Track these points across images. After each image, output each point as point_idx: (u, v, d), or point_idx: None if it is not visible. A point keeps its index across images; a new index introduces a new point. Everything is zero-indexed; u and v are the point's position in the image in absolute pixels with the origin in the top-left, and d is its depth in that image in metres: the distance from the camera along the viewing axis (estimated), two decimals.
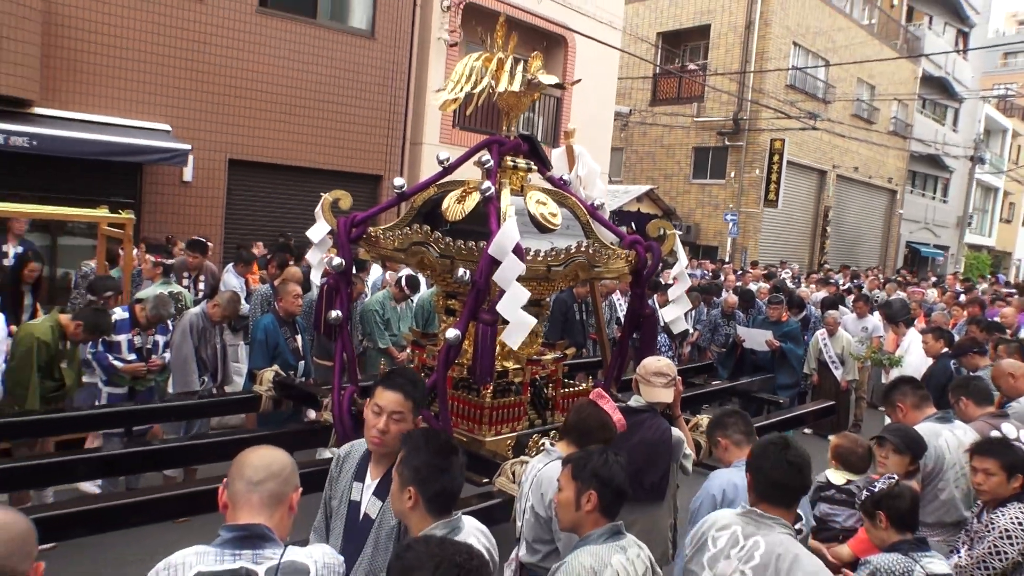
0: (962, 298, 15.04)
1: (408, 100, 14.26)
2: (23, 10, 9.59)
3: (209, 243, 9.61)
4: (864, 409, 10.32)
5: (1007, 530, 3.45)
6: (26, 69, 9.75)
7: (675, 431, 3.93)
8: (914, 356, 7.54)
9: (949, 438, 4.22)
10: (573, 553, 2.54)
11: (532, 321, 4.02)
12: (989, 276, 29.54)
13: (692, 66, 25.14)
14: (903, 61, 29.14)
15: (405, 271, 8.47)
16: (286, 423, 6.14)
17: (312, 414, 5.96)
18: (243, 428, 6.77)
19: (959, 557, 3.61)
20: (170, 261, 8.24)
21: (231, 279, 8.87)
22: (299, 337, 6.74)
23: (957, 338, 7.84)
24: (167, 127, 11.42)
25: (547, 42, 15.74)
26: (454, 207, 4.65)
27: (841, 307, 10.77)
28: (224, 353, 6.78)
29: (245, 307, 7.74)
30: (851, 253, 28.84)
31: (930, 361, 7.38)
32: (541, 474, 3.28)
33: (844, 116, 26.41)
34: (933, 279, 23.24)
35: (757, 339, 9.18)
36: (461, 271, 4.16)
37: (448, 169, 4.93)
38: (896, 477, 3.50)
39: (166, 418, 6.16)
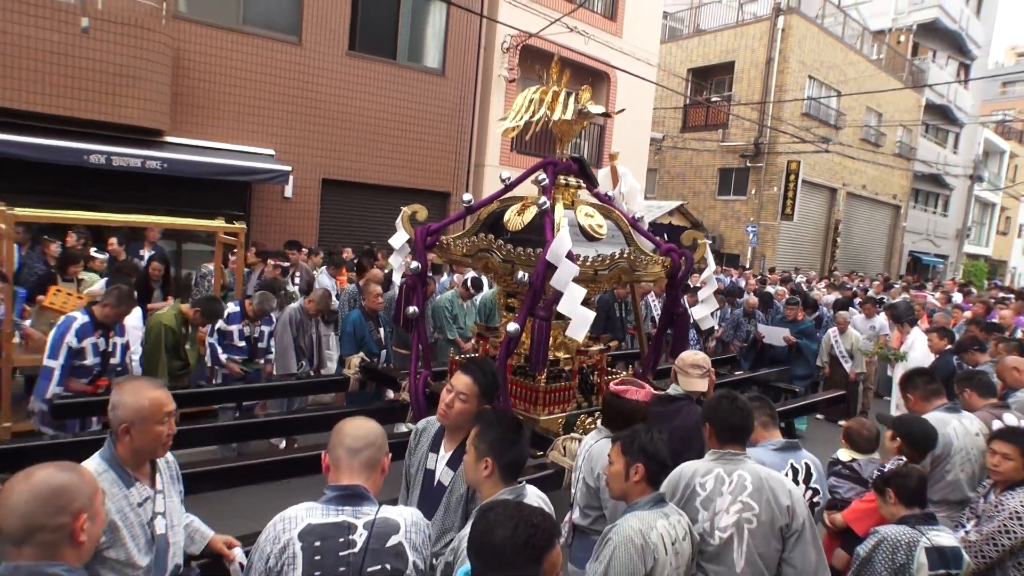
0: (956, 299, 14.54)
1: (473, 128, 14.33)
2: (157, 56, 9.91)
3: (305, 246, 9.86)
4: (871, 398, 10.05)
5: (1017, 511, 3.32)
6: (159, 105, 10.06)
7: None
8: (917, 352, 7.30)
9: (957, 426, 4.08)
10: (623, 517, 2.51)
11: (591, 315, 3.99)
12: (986, 282, 28.32)
13: (716, 98, 24.77)
14: (908, 91, 28.23)
15: (470, 274, 8.51)
16: (370, 401, 6.19)
17: (391, 394, 6.04)
18: (334, 405, 6.86)
19: (966, 532, 3.48)
20: (286, 264, 8.37)
21: (324, 279, 9.01)
22: (381, 329, 6.81)
23: (958, 337, 7.59)
24: (271, 152, 11.66)
25: (592, 77, 15.66)
26: (514, 219, 4.64)
27: (851, 308, 10.52)
28: (319, 342, 6.90)
29: (335, 303, 7.86)
30: (858, 261, 28.02)
31: (932, 357, 7.14)
32: (592, 449, 3.27)
33: (854, 140, 25.68)
34: (934, 284, 22.48)
35: (776, 335, 9.02)
36: (521, 274, 4.17)
37: (509, 186, 4.94)
38: (905, 459, 3.41)
39: (271, 395, 6.29)
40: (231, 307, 6.41)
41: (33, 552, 1.56)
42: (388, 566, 2.06)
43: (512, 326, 4.14)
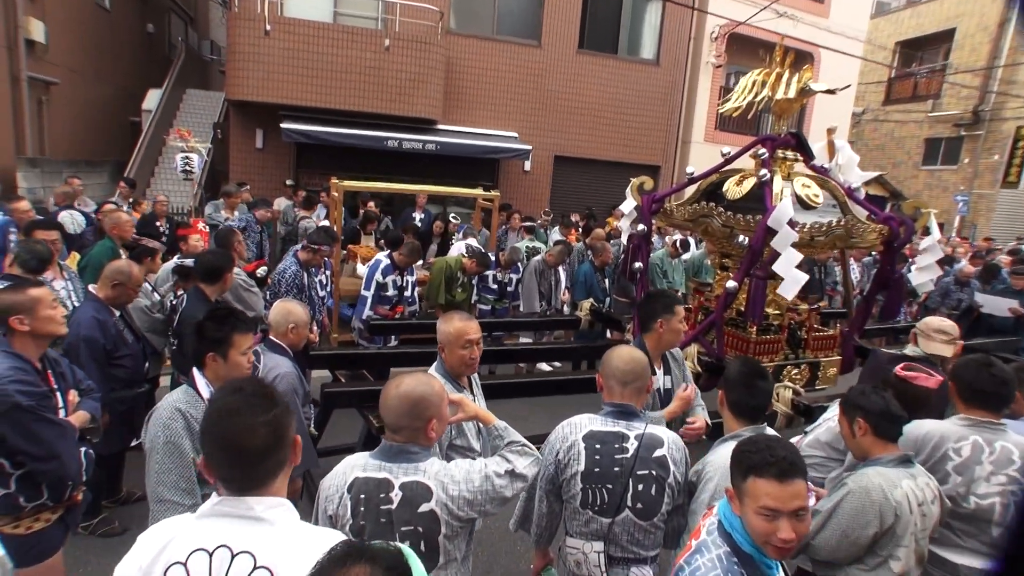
0: None
1: (681, 109, 13.55)
2: (435, 63, 10.50)
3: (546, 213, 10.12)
4: None
5: None
6: (435, 100, 10.69)
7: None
8: None
9: None
10: (864, 469, 2.14)
11: (804, 278, 3.63)
12: None
13: (923, 70, 20.82)
14: None
15: (677, 235, 8.15)
16: (595, 339, 6.19)
17: (609, 333, 6.00)
18: (565, 340, 6.95)
19: None
20: (529, 224, 8.50)
21: (554, 235, 9.11)
22: (606, 280, 6.76)
23: None
24: (515, 134, 11.94)
25: (796, 58, 14.01)
26: (733, 189, 4.31)
27: None
28: (556, 286, 6.98)
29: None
30: None
31: None
32: None
33: None
34: None
35: (998, 306, 7.29)
36: (741, 238, 3.88)
37: (729, 159, 4.58)
38: None
39: (517, 329, 6.49)
40: (491, 257, 6.67)
41: (401, 437, 1.76)
42: (654, 472, 2.05)
43: (731, 283, 3.90)
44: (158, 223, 7.17)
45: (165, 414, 2.03)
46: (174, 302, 4.22)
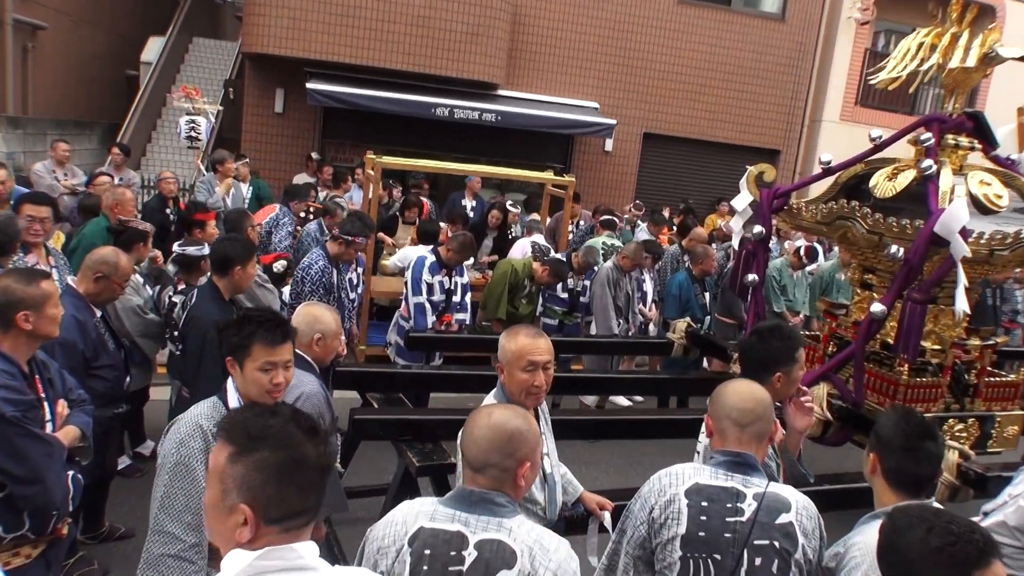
0: None
1: (811, 79, 13.25)
2: (498, 13, 10.61)
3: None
4: None
5: None
6: (497, 60, 10.79)
7: None
8: None
9: None
10: None
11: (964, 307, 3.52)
12: None
13: None
14: None
15: (801, 241, 7.96)
16: (688, 369, 6.11)
17: (707, 363, 5.90)
18: (654, 370, 6.87)
19: None
20: (608, 218, 8.46)
21: (641, 235, 9.03)
22: (707, 294, 6.65)
23: None
24: (595, 105, 11.92)
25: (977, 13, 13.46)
26: (883, 184, 4.19)
27: None
28: (640, 297, 6.90)
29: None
30: None
31: None
32: None
33: None
34: None
35: None
36: (893, 248, 3.76)
37: (880, 146, 4.45)
38: None
39: (590, 350, 6.45)
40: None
41: (486, 480, 1.77)
42: (776, 543, 1.99)
43: (877, 307, 3.81)
44: (167, 210, 7.15)
45: (184, 430, 2.12)
46: (174, 298, 4.39)
